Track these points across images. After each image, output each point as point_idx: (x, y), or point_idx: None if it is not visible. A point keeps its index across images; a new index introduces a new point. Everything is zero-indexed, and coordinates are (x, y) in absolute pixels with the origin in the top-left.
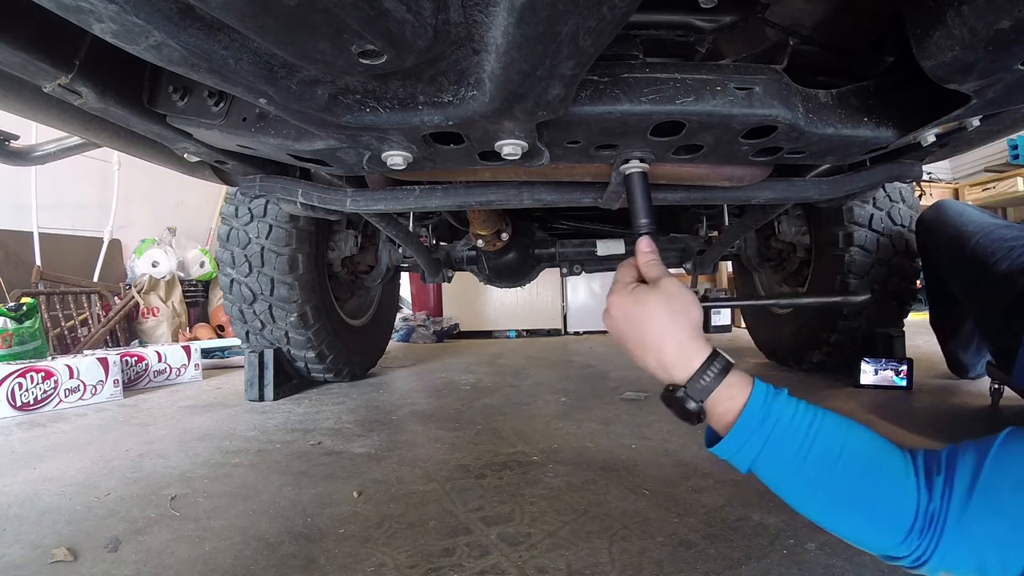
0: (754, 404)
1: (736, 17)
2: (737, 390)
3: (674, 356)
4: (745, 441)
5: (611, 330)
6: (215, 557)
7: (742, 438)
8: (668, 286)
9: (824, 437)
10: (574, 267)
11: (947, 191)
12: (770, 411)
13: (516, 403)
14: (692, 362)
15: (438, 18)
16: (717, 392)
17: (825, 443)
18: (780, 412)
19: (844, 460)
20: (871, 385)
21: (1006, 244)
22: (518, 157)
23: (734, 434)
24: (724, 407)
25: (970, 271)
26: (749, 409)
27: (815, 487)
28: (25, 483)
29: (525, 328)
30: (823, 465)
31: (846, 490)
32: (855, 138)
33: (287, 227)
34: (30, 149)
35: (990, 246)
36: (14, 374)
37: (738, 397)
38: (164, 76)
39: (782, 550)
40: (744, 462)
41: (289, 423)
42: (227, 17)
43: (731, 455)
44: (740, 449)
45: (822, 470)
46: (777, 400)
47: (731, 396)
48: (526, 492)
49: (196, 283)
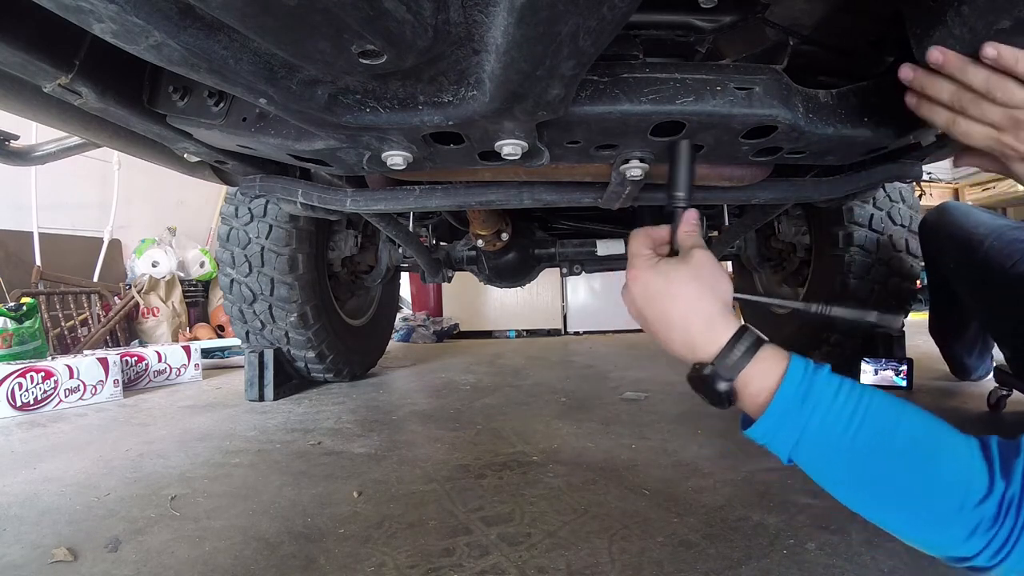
0: (791, 381)
1: (736, 17)
2: (771, 364)
3: (702, 333)
4: (783, 422)
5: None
6: (215, 557)
7: (779, 418)
8: (700, 258)
9: (874, 418)
10: (574, 267)
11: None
12: (811, 389)
13: (516, 403)
14: (720, 338)
15: (438, 18)
16: (749, 368)
17: (876, 425)
18: (822, 390)
19: (899, 444)
20: (871, 385)
21: (1022, 245)
22: (518, 157)
23: (770, 414)
24: (757, 385)
25: (982, 273)
26: (785, 386)
27: (866, 475)
28: (25, 483)
29: (525, 328)
30: (874, 450)
31: (902, 479)
32: (855, 138)
33: (287, 227)
34: (30, 149)
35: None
36: (14, 374)
37: (772, 374)
38: (164, 76)
39: (782, 550)
40: (784, 447)
41: (289, 423)
42: (227, 17)
43: (768, 438)
44: (778, 431)
45: (873, 456)
46: (818, 376)
47: (764, 372)
48: (526, 492)
49: (196, 283)
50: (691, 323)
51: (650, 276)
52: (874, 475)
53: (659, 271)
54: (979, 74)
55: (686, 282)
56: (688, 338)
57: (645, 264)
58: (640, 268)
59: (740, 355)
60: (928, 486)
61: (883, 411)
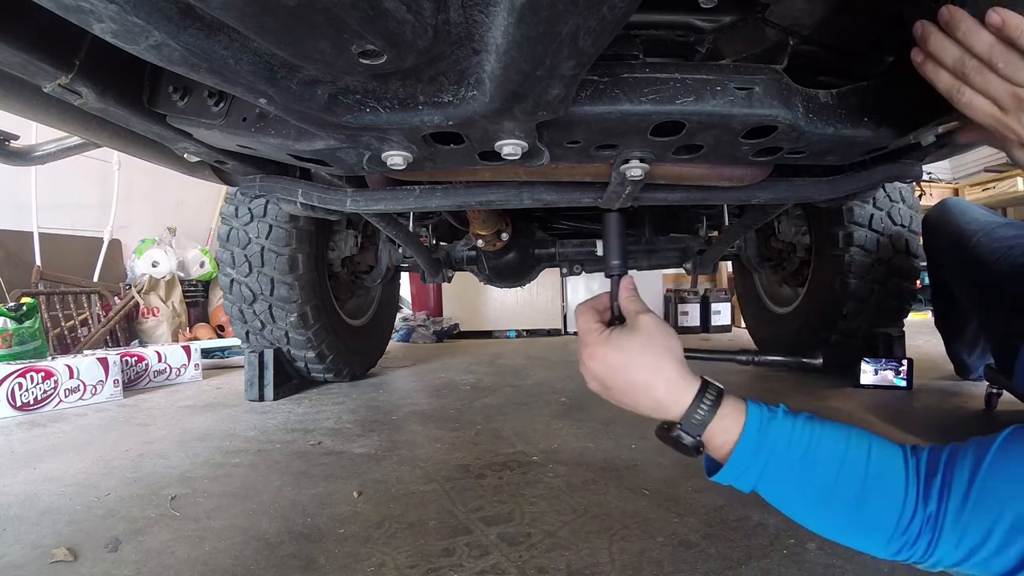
0: (749, 433)
1: (736, 17)
2: (731, 421)
3: (666, 395)
4: (743, 470)
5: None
6: (215, 557)
7: (739, 467)
8: (647, 324)
9: (822, 455)
10: (574, 267)
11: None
12: (766, 437)
13: (516, 403)
14: (684, 397)
15: (438, 18)
16: (712, 425)
17: (823, 461)
18: (776, 437)
19: (843, 476)
20: (871, 385)
21: (1007, 243)
22: (518, 157)
23: (731, 464)
24: (720, 440)
25: (971, 270)
26: (744, 439)
27: (815, 504)
28: (25, 483)
29: (525, 328)
30: (822, 483)
31: (844, 505)
32: (855, 138)
33: (287, 227)
34: (30, 149)
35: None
36: (14, 374)
37: (733, 429)
38: (164, 76)
39: (782, 550)
40: (745, 486)
41: (289, 423)
42: (227, 17)
43: (732, 482)
44: (739, 477)
45: (821, 488)
46: (772, 424)
47: (726, 429)
48: (526, 492)
49: (196, 283)
50: (654, 388)
51: (606, 352)
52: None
53: (613, 345)
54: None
55: (641, 351)
56: (654, 403)
57: (597, 340)
58: (594, 345)
59: (704, 413)
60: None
61: (830, 446)
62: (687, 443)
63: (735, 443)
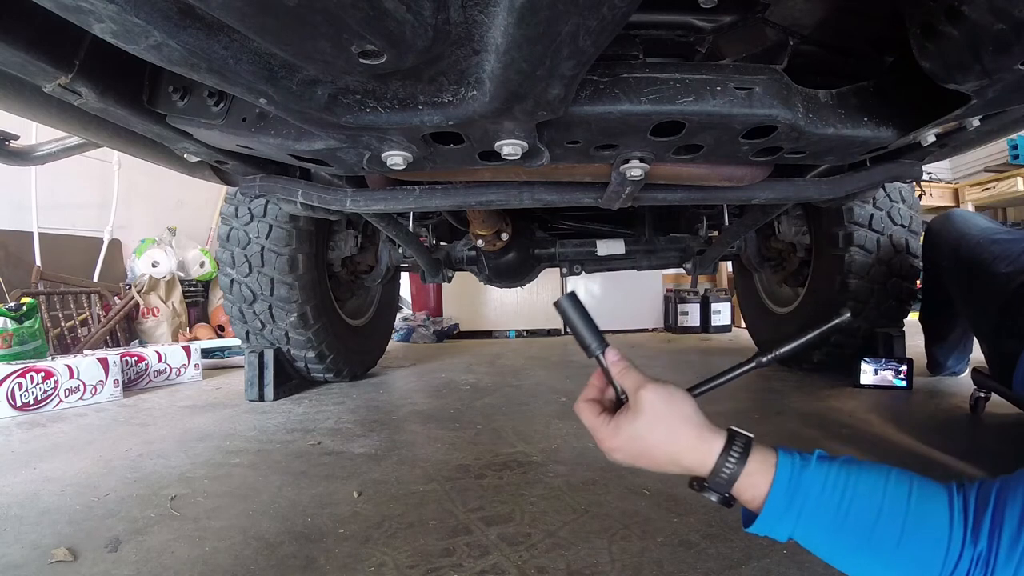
0: (779, 486)
1: (736, 17)
2: (759, 477)
3: (690, 461)
4: (776, 522)
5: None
6: (215, 557)
7: (772, 520)
8: (648, 401)
9: (860, 500)
10: (574, 267)
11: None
12: (797, 488)
13: (516, 403)
14: (709, 459)
15: (438, 18)
16: (740, 481)
17: (861, 507)
18: (808, 487)
19: (882, 520)
20: (871, 385)
21: (1006, 246)
22: (518, 157)
23: (762, 518)
24: (751, 494)
25: (968, 272)
26: (774, 493)
27: (854, 550)
28: (25, 483)
29: (525, 328)
30: (861, 530)
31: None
32: (855, 138)
33: (287, 227)
34: (30, 149)
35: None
36: (14, 374)
37: (762, 484)
38: (164, 76)
39: (782, 550)
40: (781, 537)
41: (289, 423)
42: (227, 17)
43: (768, 533)
44: (772, 529)
45: (861, 535)
46: (804, 474)
47: (754, 484)
48: (526, 492)
49: (196, 283)
50: (679, 458)
51: (621, 442)
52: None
53: (623, 434)
54: None
55: (653, 429)
56: (683, 469)
57: (607, 435)
58: (606, 440)
59: (730, 470)
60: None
61: (868, 492)
62: (715, 500)
63: (765, 497)
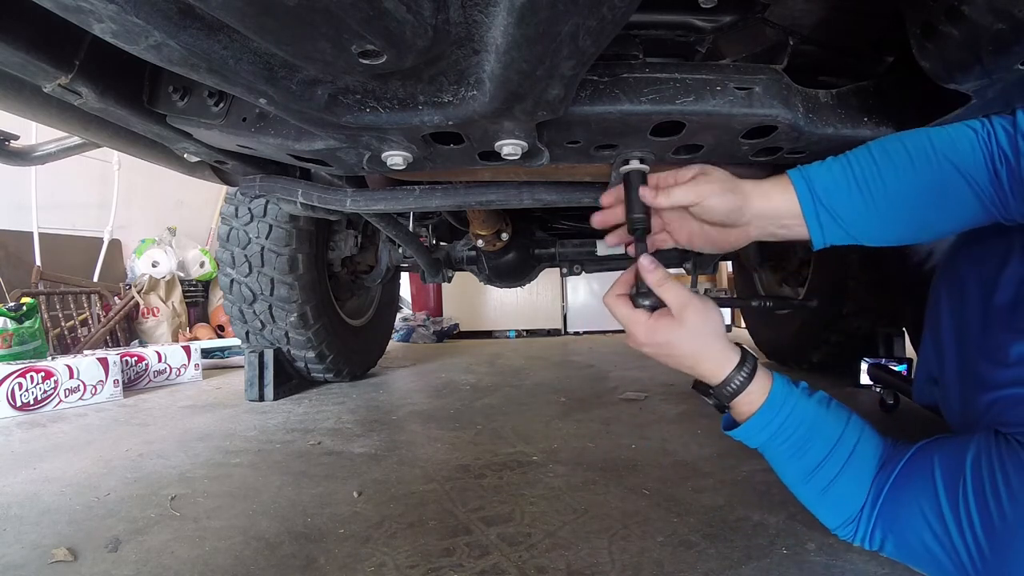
0: (770, 405)
1: (736, 17)
2: (757, 394)
3: (707, 370)
4: (755, 434)
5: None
6: (215, 557)
7: (752, 431)
8: (693, 316)
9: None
10: (574, 267)
11: None
12: (780, 410)
13: (516, 403)
14: (722, 372)
15: (438, 18)
16: (740, 398)
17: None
18: (788, 411)
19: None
20: (871, 385)
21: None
22: (518, 157)
23: (745, 427)
24: (745, 408)
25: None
26: (763, 410)
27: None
28: (25, 483)
29: (525, 328)
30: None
31: (822, 484)
32: (855, 138)
33: (287, 227)
34: (30, 149)
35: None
36: (14, 374)
37: (757, 400)
38: (164, 76)
39: (782, 550)
40: (752, 444)
41: (289, 423)
42: (227, 17)
43: (741, 439)
44: (750, 438)
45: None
46: (789, 400)
47: (751, 401)
48: (526, 492)
49: (196, 283)
50: (701, 364)
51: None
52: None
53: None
54: None
55: (690, 341)
56: (699, 372)
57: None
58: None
59: (737, 386)
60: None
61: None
62: (712, 404)
63: (755, 412)
